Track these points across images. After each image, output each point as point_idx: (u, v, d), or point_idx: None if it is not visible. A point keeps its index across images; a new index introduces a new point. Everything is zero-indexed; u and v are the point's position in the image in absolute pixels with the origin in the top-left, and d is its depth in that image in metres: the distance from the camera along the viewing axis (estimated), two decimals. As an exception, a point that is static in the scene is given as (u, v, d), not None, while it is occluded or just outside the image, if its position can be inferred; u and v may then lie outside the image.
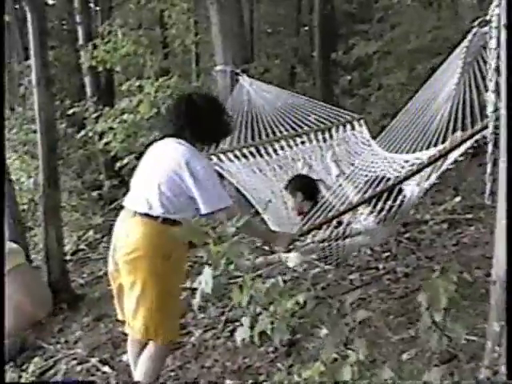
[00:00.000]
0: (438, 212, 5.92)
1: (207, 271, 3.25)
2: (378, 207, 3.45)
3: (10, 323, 1.75)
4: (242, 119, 4.99)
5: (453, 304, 2.45)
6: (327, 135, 4.92)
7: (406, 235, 5.55)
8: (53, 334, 5.20)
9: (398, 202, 3.50)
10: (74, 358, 4.63)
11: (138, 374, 3.39)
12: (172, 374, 4.08)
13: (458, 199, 5.95)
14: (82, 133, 8.89)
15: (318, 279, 4.92)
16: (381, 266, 5.00)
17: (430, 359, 3.39)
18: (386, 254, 5.22)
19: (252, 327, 3.68)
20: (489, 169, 2.64)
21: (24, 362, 4.74)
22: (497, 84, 2.53)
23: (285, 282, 4.88)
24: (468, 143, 3.17)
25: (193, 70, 10.98)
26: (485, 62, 2.81)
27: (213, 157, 4.82)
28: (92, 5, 12.48)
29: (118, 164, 7.92)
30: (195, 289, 5.00)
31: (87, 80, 10.51)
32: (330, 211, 3.42)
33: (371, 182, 3.63)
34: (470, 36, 3.15)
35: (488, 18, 2.70)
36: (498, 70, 2.52)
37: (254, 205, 4.70)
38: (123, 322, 3.51)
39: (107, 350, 4.63)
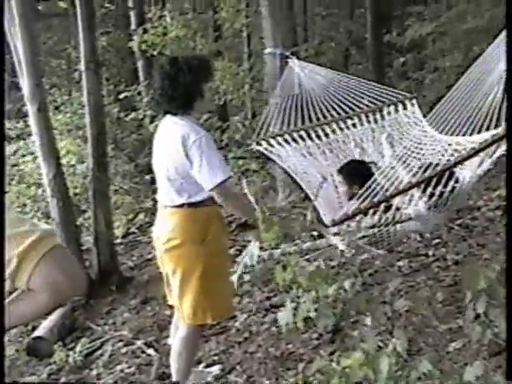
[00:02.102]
0: (491, 198, 5.73)
1: (253, 244, 3.25)
2: (428, 192, 3.33)
3: (46, 302, 1.76)
4: (291, 103, 4.89)
5: (495, 294, 2.35)
6: (378, 116, 4.79)
7: (458, 222, 5.38)
8: (101, 315, 5.30)
9: (449, 187, 3.37)
10: (121, 340, 4.70)
11: (173, 357, 3.43)
12: (215, 358, 4.09)
13: (513, 185, 5.74)
14: (132, 115, 8.95)
15: (365, 265, 4.85)
16: (430, 253, 4.87)
17: (477, 351, 3.28)
18: (437, 241, 5.08)
19: (295, 313, 3.66)
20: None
21: (72, 341, 4.84)
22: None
23: (332, 267, 4.88)
24: None
25: (244, 52, 10.94)
26: None
27: (262, 142, 4.76)
28: (145, -11, 12.53)
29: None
30: (243, 273, 4.99)
31: (140, 64, 10.59)
32: (377, 195, 3.31)
33: (421, 166, 3.51)
34: None
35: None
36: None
37: (304, 189, 4.64)
38: (172, 307, 3.55)
39: (153, 332, 4.68)
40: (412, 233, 4.67)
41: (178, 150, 3.10)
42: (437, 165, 3.41)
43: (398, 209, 3.53)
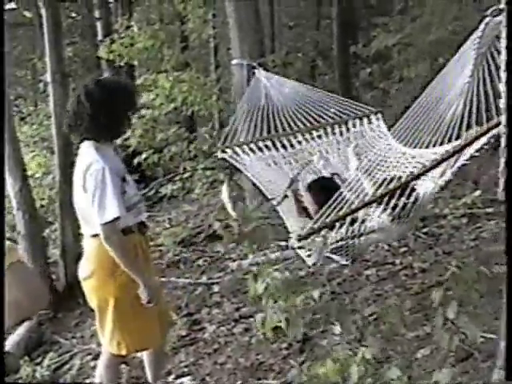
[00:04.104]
0: (457, 206, 5.81)
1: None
2: (392, 204, 3.38)
3: (7, 320, 1.74)
4: (258, 112, 4.95)
5: (466, 301, 2.40)
6: (344, 128, 4.86)
7: (424, 230, 5.46)
8: (69, 328, 5.23)
9: (411, 198, 3.43)
10: (89, 353, 4.64)
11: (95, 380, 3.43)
12: (185, 369, 4.07)
13: (477, 193, 5.83)
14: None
15: (334, 274, 4.88)
16: (398, 262, 4.93)
17: (445, 357, 3.32)
18: (404, 249, 5.14)
19: (264, 323, 3.67)
20: (502, 164, 2.56)
21: (39, 356, 4.77)
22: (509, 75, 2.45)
23: (301, 277, 4.91)
24: (483, 139, 3.09)
25: (211, 63, 10.94)
26: (499, 53, 2.72)
27: (228, 149, 4.81)
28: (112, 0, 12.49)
29: (136, 159, 7.93)
30: (211, 284, 4.99)
31: (106, 75, 10.52)
32: (343, 208, 3.34)
33: (386, 178, 3.56)
34: (482, 25, 3.06)
35: (501, 6, 2.62)
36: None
37: (268, 198, 4.67)
38: None
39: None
40: (377, 243, 4.72)
41: (80, 178, 2.93)
42: (400, 177, 3.46)
43: (363, 221, 3.57)
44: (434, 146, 3.43)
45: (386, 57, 10.83)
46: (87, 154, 2.95)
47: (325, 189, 4.26)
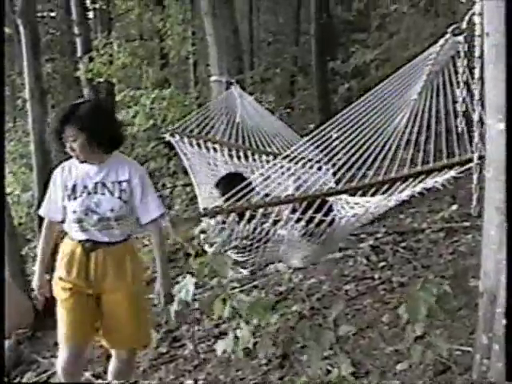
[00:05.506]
0: (434, 220, 5.88)
1: (189, 279, 3.21)
2: (307, 216, 3.34)
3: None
4: (222, 119, 5.14)
5: (434, 316, 2.42)
6: (292, 164, 4.91)
7: (403, 244, 5.51)
8: (48, 347, 5.18)
9: (328, 218, 3.40)
10: (68, 373, 4.59)
11: None
12: (165, 387, 4.06)
13: (454, 207, 5.90)
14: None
15: (313, 290, 4.90)
16: (376, 276, 4.95)
17: (423, 371, 3.35)
18: (382, 264, 5.18)
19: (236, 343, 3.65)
20: (475, 180, 2.60)
21: (17, 375, 4.72)
22: (481, 94, 2.49)
23: (280, 293, 4.92)
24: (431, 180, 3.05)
25: (190, 79, 10.99)
26: (456, 72, 2.73)
27: (176, 135, 5.07)
28: (91, 16, 12.50)
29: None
30: (191, 300, 4.95)
31: (86, 92, 10.51)
32: (254, 197, 3.29)
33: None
34: (441, 41, 2.98)
35: (463, 26, 2.64)
36: (482, 79, 2.49)
37: (194, 183, 4.97)
38: None
39: (100, 363, 4.59)
40: (278, 261, 4.68)
41: None
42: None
43: (274, 223, 3.52)
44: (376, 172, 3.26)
45: (364, 73, 10.94)
46: None
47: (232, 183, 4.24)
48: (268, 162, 4.98)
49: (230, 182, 4.23)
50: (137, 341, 3.36)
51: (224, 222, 3.51)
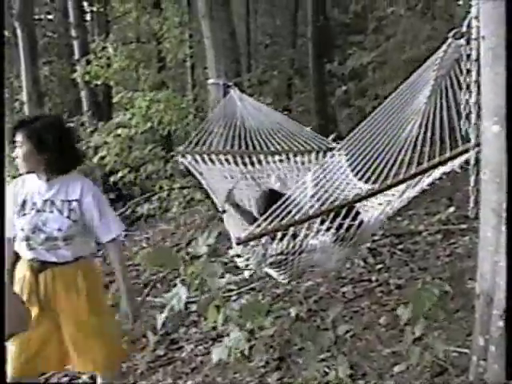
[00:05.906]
0: (432, 222, 5.88)
1: (180, 288, 3.18)
2: (336, 223, 3.37)
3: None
4: (226, 127, 5.03)
5: (433, 317, 2.43)
6: (306, 159, 4.93)
7: (400, 246, 5.51)
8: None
9: (356, 221, 3.43)
10: (65, 375, 4.59)
11: None
12: (163, 389, 4.05)
13: (451, 209, 5.91)
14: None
15: (310, 292, 4.90)
16: (374, 278, 4.96)
17: (420, 373, 3.35)
18: (380, 266, 5.18)
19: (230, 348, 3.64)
20: (472, 182, 2.61)
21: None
22: (478, 96, 2.50)
23: (277, 295, 4.91)
24: (442, 169, 3.09)
25: (188, 82, 10.99)
26: (461, 74, 2.76)
27: (188, 155, 4.86)
28: (89, 19, 12.51)
29: (112, 178, 7.91)
30: (189, 303, 4.93)
31: (83, 94, 10.51)
32: (286, 217, 3.29)
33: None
34: (444, 46, 3.03)
35: (463, 29, 2.66)
36: (478, 82, 2.50)
37: (216, 202, 4.68)
38: None
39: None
40: (314, 267, 4.68)
41: None
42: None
43: (305, 237, 3.54)
44: (390, 170, 3.29)
45: (361, 75, 10.96)
46: None
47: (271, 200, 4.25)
48: (281, 161, 4.98)
49: (268, 200, 4.22)
50: (106, 361, 3.14)
51: (257, 245, 3.50)
